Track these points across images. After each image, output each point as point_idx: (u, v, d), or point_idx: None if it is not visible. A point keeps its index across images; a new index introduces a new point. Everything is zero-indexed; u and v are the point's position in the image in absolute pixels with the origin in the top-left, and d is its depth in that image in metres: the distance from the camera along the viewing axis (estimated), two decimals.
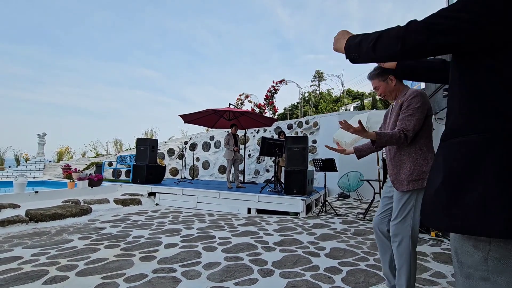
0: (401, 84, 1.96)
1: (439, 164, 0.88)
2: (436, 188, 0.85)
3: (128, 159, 9.56)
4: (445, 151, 0.87)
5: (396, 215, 1.84)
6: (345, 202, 7.29)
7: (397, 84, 1.93)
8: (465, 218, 0.75)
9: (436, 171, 0.89)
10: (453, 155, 0.83)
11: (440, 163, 0.87)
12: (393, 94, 1.96)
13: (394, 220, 1.85)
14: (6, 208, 4.27)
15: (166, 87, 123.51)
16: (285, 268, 2.55)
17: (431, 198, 0.87)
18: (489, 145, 0.75)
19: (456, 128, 0.85)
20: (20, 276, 2.25)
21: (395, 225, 1.84)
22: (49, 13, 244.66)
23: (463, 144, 0.81)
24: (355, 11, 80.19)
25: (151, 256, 2.80)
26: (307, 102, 17.99)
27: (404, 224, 1.80)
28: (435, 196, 0.85)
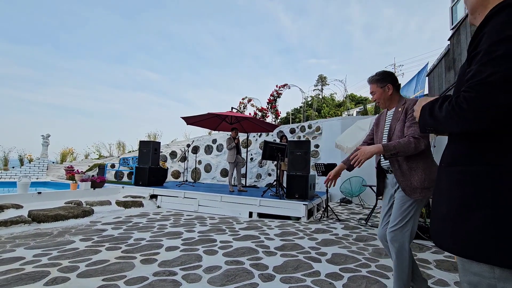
0: (397, 94, 2.00)
1: (443, 190, 0.92)
2: (443, 213, 0.90)
3: (131, 161, 9.61)
4: (449, 178, 0.91)
5: (396, 221, 1.84)
6: (347, 207, 7.25)
7: (393, 94, 1.97)
8: (469, 244, 0.80)
9: (441, 196, 0.94)
10: (457, 184, 0.87)
11: (445, 189, 0.92)
12: (387, 103, 2.01)
13: (393, 227, 1.85)
14: (9, 208, 4.30)
15: (169, 89, 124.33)
16: (286, 273, 2.54)
17: (439, 221, 0.92)
18: (492, 177, 0.79)
19: (459, 156, 0.89)
20: (22, 277, 2.26)
21: (394, 232, 1.84)
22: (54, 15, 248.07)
23: (466, 174, 0.85)
24: (357, 16, 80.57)
25: (152, 259, 2.80)
26: (310, 106, 18.01)
27: (403, 230, 1.81)
28: (442, 220, 0.90)
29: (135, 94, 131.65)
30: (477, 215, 0.79)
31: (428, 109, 0.94)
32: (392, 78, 1.98)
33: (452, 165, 0.91)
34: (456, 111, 0.80)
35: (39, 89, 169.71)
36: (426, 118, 0.95)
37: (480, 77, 0.76)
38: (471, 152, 0.85)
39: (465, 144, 0.87)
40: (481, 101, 0.75)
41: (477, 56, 0.80)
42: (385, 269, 2.72)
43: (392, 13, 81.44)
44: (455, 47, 6.56)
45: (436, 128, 0.92)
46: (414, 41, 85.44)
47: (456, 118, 0.81)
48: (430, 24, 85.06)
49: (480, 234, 0.78)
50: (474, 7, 0.95)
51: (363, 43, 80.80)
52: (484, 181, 0.80)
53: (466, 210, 0.82)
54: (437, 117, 0.89)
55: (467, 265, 0.83)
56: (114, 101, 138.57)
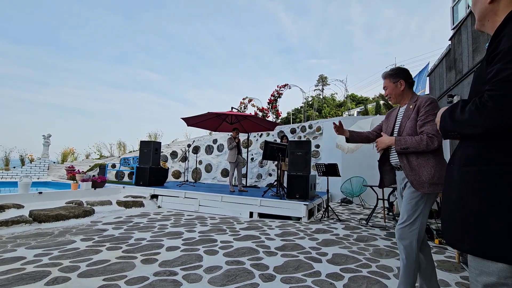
0: (410, 90, 2.00)
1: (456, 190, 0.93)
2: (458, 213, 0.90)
3: (132, 161, 9.62)
4: (464, 179, 0.91)
5: (404, 218, 1.84)
6: (348, 207, 7.24)
7: (405, 90, 1.97)
8: (487, 245, 0.81)
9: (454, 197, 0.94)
10: (472, 184, 0.88)
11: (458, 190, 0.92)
12: (399, 99, 2.01)
13: (402, 224, 1.84)
14: (10, 208, 4.31)
15: (170, 90, 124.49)
16: (286, 273, 2.54)
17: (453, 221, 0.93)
18: (509, 177, 0.79)
19: (474, 157, 0.89)
20: (22, 277, 2.26)
21: (402, 229, 1.84)
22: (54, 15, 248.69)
23: (482, 174, 0.85)
24: (358, 17, 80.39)
25: (153, 259, 2.80)
26: (311, 106, 18.00)
27: (411, 228, 1.80)
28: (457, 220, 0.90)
29: (136, 94, 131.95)
30: (495, 216, 0.79)
31: (449, 114, 0.94)
32: (406, 75, 1.99)
33: (467, 165, 0.91)
34: (481, 110, 0.80)
35: (40, 89, 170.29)
36: (448, 124, 0.95)
37: (503, 75, 0.77)
38: (487, 152, 0.86)
39: (480, 144, 0.88)
40: (506, 99, 0.76)
41: (498, 56, 0.80)
42: (386, 269, 2.71)
43: (392, 13, 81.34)
44: (456, 47, 6.55)
45: (459, 131, 0.92)
46: (414, 41, 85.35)
47: (481, 117, 0.81)
48: (430, 24, 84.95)
49: (498, 234, 0.78)
50: (483, 14, 0.96)
51: (363, 43, 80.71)
52: (501, 181, 0.80)
53: (484, 211, 0.82)
54: (460, 120, 0.89)
55: (481, 265, 0.83)
56: (114, 101, 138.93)
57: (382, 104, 11.39)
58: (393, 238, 3.98)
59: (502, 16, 0.90)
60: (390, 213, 5.82)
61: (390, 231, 4.41)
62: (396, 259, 3.04)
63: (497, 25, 0.89)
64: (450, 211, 0.96)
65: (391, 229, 4.56)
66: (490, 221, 0.80)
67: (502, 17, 0.89)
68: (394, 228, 4.61)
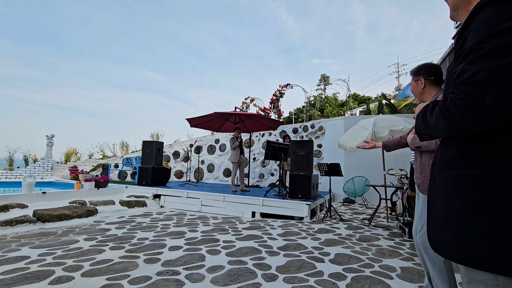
0: (433, 87, 1.92)
1: (438, 194, 0.89)
2: (439, 219, 0.87)
3: (134, 161, 9.65)
4: (443, 182, 0.87)
5: (422, 225, 1.78)
6: (351, 207, 7.22)
7: (426, 88, 1.91)
8: (470, 252, 0.76)
9: (436, 201, 0.90)
10: (451, 188, 0.84)
11: (439, 194, 0.88)
12: (421, 97, 1.95)
13: (421, 231, 1.79)
14: (15, 208, 4.34)
15: (172, 90, 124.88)
16: (289, 273, 2.54)
17: (436, 227, 0.89)
18: (486, 181, 0.75)
19: (452, 160, 0.85)
20: (27, 276, 2.28)
21: (422, 236, 1.78)
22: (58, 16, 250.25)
23: (460, 178, 0.81)
24: (360, 16, 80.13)
25: (156, 258, 2.81)
26: (313, 106, 17.97)
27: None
28: (438, 227, 0.87)
29: (138, 94, 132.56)
30: (476, 222, 0.75)
31: (422, 116, 0.90)
32: (426, 72, 1.91)
33: (445, 168, 0.87)
34: (444, 115, 0.76)
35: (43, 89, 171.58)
36: (420, 125, 0.91)
37: (465, 76, 0.71)
38: (464, 155, 0.81)
39: (458, 146, 0.84)
40: (468, 103, 0.70)
41: (462, 54, 0.76)
42: (389, 269, 2.70)
43: (395, 13, 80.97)
44: None
45: (430, 134, 0.88)
46: (417, 40, 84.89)
47: (444, 123, 0.77)
48: (434, 23, 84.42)
49: (479, 241, 0.74)
50: (456, 4, 0.92)
51: (366, 42, 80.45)
52: (478, 186, 0.76)
53: (464, 217, 0.78)
54: (429, 123, 0.85)
55: (471, 273, 0.80)
56: (117, 101, 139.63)
57: (384, 103, 11.34)
58: (396, 238, 3.96)
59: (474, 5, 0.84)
60: (393, 213, 5.79)
61: (393, 231, 4.39)
62: (399, 259, 3.02)
63: None
64: (431, 215, 0.92)
65: (394, 229, 4.54)
66: (470, 228, 0.76)
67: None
68: (397, 228, 4.59)
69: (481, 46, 0.71)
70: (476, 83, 0.69)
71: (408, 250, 3.37)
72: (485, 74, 0.67)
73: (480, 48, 0.70)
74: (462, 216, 0.79)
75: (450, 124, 0.76)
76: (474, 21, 0.76)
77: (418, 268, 2.75)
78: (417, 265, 2.85)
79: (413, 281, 2.45)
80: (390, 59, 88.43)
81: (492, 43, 0.69)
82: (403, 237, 4.02)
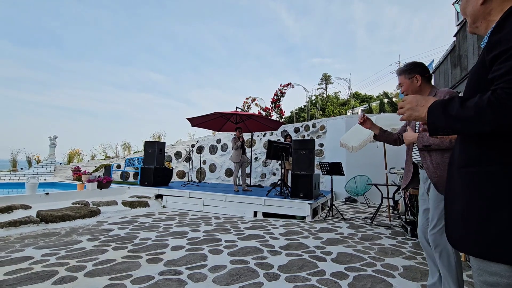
0: (428, 85, 1.90)
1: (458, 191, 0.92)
2: (459, 215, 0.90)
3: (136, 161, 9.69)
4: (465, 179, 0.90)
5: (435, 223, 1.76)
6: (353, 206, 7.21)
7: (422, 85, 1.87)
8: (488, 246, 0.80)
9: (455, 198, 0.93)
10: (473, 185, 0.86)
11: (459, 191, 0.91)
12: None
13: (433, 229, 1.77)
14: (18, 209, 4.37)
15: (173, 90, 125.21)
16: (291, 273, 2.54)
17: (454, 223, 0.92)
18: (508, 178, 0.78)
19: (475, 157, 0.88)
20: (31, 276, 2.30)
21: (434, 235, 1.77)
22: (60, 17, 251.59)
23: (483, 175, 0.84)
24: (360, 15, 79.89)
25: (158, 258, 2.82)
26: (314, 105, 17.94)
27: (444, 233, 1.71)
28: (458, 222, 0.90)
29: (140, 95, 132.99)
30: (495, 217, 0.79)
31: (442, 108, 0.89)
32: (421, 69, 1.89)
33: (467, 166, 0.89)
34: (497, 108, 0.76)
35: (45, 90, 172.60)
36: (440, 119, 0.89)
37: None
38: (487, 152, 0.84)
39: (480, 143, 0.86)
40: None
41: (506, 53, 0.77)
42: (391, 268, 2.70)
43: (395, 11, 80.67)
44: (461, 43, 6.47)
45: (455, 128, 0.87)
46: (419, 39, 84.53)
47: (496, 114, 0.77)
48: (435, 21, 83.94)
49: (498, 235, 0.78)
50: (476, 16, 0.95)
51: (367, 41, 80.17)
52: (501, 182, 0.79)
53: (484, 212, 0.81)
54: (460, 116, 0.84)
55: (484, 265, 0.82)
56: (119, 102, 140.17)
57: (386, 102, 11.30)
58: (398, 237, 3.95)
59: (496, 15, 0.88)
60: (395, 212, 5.78)
61: (395, 230, 4.38)
62: (401, 258, 3.02)
63: (492, 25, 0.86)
64: (450, 211, 0.95)
65: (396, 228, 4.53)
66: (491, 222, 0.80)
67: (497, 16, 0.87)
68: (399, 227, 4.58)
69: None
70: None
71: (411, 249, 3.36)
72: None
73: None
74: (482, 212, 0.82)
75: (504, 118, 0.76)
76: (510, 22, 0.79)
77: (420, 267, 2.74)
78: (419, 263, 2.85)
79: (416, 279, 2.44)
80: (391, 57, 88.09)
81: None
82: (405, 235, 4.01)
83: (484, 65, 0.86)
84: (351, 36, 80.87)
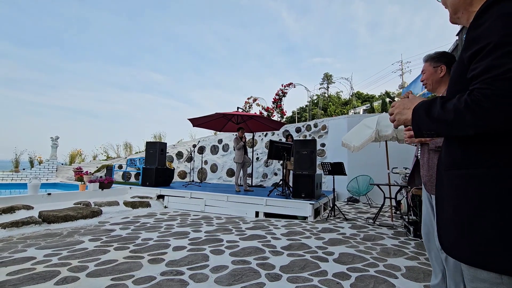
0: (448, 78, 1.85)
1: (446, 195, 0.88)
2: (448, 219, 0.86)
3: (138, 162, 9.70)
4: (451, 183, 0.86)
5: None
6: (355, 206, 7.19)
7: (445, 77, 1.79)
8: (476, 252, 0.76)
9: (444, 202, 0.89)
10: (459, 189, 0.83)
11: (447, 195, 0.88)
12: (435, 86, 1.83)
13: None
14: (21, 210, 4.39)
15: (174, 90, 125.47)
16: (292, 273, 2.53)
17: (444, 227, 0.89)
18: (495, 181, 0.74)
19: (460, 159, 0.84)
20: (33, 276, 2.30)
21: None
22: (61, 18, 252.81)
23: (469, 178, 0.80)
24: (361, 14, 79.87)
25: (160, 259, 2.82)
26: (316, 105, 17.91)
27: None
28: (447, 227, 0.87)
29: (141, 95, 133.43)
30: (483, 222, 0.75)
31: (424, 110, 0.86)
32: (449, 60, 1.80)
33: (453, 168, 0.86)
34: (474, 110, 0.72)
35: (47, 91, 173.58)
36: (424, 121, 0.86)
37: (497, 72, 0.69)
38: (471, 154, 0.80)
39: (464, 145, 0.82)
40: (505, 98, 0.68)
41: (483, 51, 0.73)
42: (393, 269, 2.68)
43: (397, 10, 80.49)
44: (463, 42, 6.44)
45: (438, 131, 0.84)
46: (421, 37, 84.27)
47: (473, 118, 0.73)
48: (437, 19, 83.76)
49: (486, 241, 0.74)
50: (456, 6, 0.91)
51: (368, 40, 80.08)
52: (488, 186, 0.75)
53: (471, 217, 0.78)
54: (441, 119, 0.81)
55: (474, 271, 0.79)
56: (120, 102, 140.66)
57: (388, 101, 11.26)
58: (400, 237, 3.93)
59: (478, 6, 0.82)
60: (398, 212, 5.76)
61: (398, 230, 4.36)
62: (404, 258, 3.00)
63: (473, 16, 0.81)
64: (440, 215, 0.92)
65: (398, 228, 4.51)
66: (479, 228, 0.76)
67: (477, 7, 0.82)
68: (401, 227, 4.56)
69: (509, 41, 0.69)
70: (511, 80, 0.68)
71: (413, 249, 3.34)
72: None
73: (509, 42, 0.69)
74: (469, 216, 0.78)
75: (482, 120, 0.72)
76: (490, 16, 0.74)
77: (423, 267, 2.73)
78: (422, 264, 2.83)
79: (418, 280, 2.43)
80: (393, 57, 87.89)
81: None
82: (408, 236, 3.99)
83: (463, 62, 0.83)
84: (352, 36, 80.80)
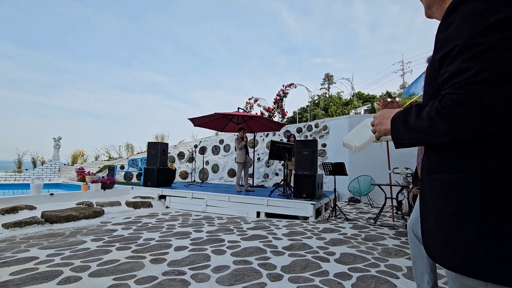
0: None
1: (427, 199, 0.87)
2: (430, 225, 0.84)
3: (140, 162, 9.74)
4: (431, 187, 0.85)
5: None
6: (356, 206, 7.18)
7: None
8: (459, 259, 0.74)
9: (426, 206, 0.88)
10: (439, 193, 0.81)
11: (428, 199, 0.86)
12: None
13: None
14: (23, 210, 4.42)
15: (175, 91, 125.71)
16: (294, 273, 2.54)
17: (427, 232, 0.87)
18: (472, 186, 0.72)
19: (439, 164, 0.82)
20: (36, 276, 2.32)
21: None
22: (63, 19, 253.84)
23: (447, 183, 0.79)
24: (361, 15, 79.72)
25: (161, 259, 2.83)
26: (317, 105, 17.90)
27: None
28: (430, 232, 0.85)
29: (142, 96, 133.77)
30: (462, 227, 0.73)
31: (401, 120, 0.84)
32: None
33: (432, 173, 0.84)
34: (446, 117, 0.69)
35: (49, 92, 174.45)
36: (401, 131, 0.84)
37: (466, 75, 0.66)
38: (449, 159, 0.78)
39: (442, 151, 0.80)
40: (477, 103, 0.64)
41: (453, 52, 0.70)
42: (395, 269, 2.68)
43: (397, 11, 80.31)
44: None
45: (415, 140, 0.82)
46: (421, 37, 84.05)
47: (446, 125, 0.70)
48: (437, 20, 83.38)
49: (466, 247, 0.72)
50: (430, 2, 0.88)
51: (368, 41, 79.97)
52: (465, 191, 0.73)
53: (451, 222, 0.76)
54: (416, 128, 0.78)
55: (461, 278, 0.77)
56: (121, 103, 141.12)
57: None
58: (402, 237, 3.93)
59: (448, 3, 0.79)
60: (399, 212, 5.75)
61: (399, 230, 4.36)
62: (405, 258, 3.00)
63: None
64: (423, 220, 0.90)
65: (400, 228, 4.50)
66: (459, 233, 0.74)
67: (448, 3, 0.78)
68: (403, 227, 4.56)
69: (476, 42, 0.66)
70: (482, 82, 0.64)
71: None
72: (490, 73, 0.63)
73: (476, 44, 0.66)
74: (450, 222, 0.76)
75: (455, 126, 0.69)
76: (457, 16, 0.71)
77: None
78: None
79: None
80: (394, 57, 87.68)
81: (488, 39, 0.65)
82: None
83: (434, 66, 0.80)
84: (353, 36, 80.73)
